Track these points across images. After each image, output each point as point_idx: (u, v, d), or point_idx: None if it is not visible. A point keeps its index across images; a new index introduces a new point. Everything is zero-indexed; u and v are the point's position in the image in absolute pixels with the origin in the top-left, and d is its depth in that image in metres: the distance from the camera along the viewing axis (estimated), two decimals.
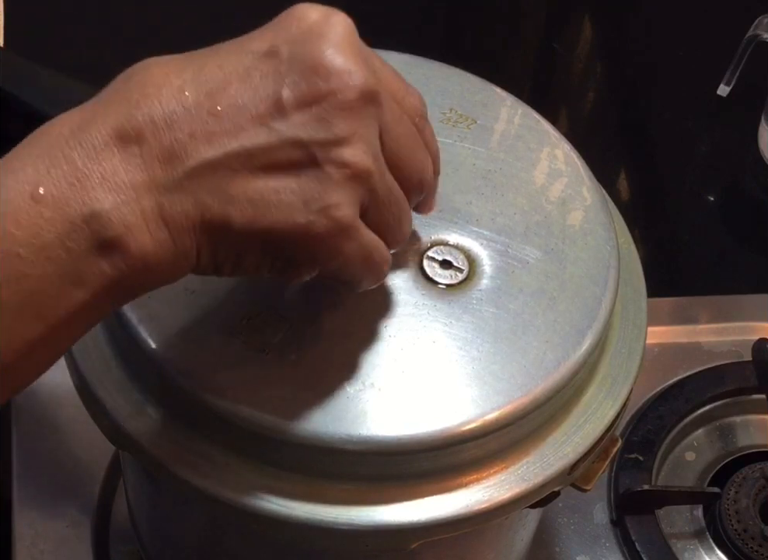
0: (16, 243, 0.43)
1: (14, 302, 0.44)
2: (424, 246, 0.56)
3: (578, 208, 0.59)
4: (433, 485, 0.53)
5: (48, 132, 0.45)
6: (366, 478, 0.53)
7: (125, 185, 0.44)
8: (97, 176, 0.44)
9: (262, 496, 0.52)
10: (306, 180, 0.46)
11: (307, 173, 0.46)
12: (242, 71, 0.46)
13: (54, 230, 0.44)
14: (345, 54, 0.46)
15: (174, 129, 0.45)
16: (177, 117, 0.45)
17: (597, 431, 0.56)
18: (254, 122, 0.46)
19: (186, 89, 0.46)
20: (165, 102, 0.45)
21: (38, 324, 0.44)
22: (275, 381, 0.52)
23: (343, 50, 0.46)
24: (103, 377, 0.55)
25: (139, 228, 0.44)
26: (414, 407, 0.52)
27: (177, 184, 0.45)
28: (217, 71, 0.46)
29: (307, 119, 0.46)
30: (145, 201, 0.45)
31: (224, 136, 0.45)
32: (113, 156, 0.45)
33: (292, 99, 0.46)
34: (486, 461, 0.54)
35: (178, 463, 0.53)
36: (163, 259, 0.45)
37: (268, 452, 0.52)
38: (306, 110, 0.46)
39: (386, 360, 0.53)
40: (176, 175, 0.45)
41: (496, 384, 0.53)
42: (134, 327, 0.53)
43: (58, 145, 0.45)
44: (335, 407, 0.52)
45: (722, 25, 1.11)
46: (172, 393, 0.53)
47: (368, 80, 0.47)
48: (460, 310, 0.55)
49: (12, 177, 0.44)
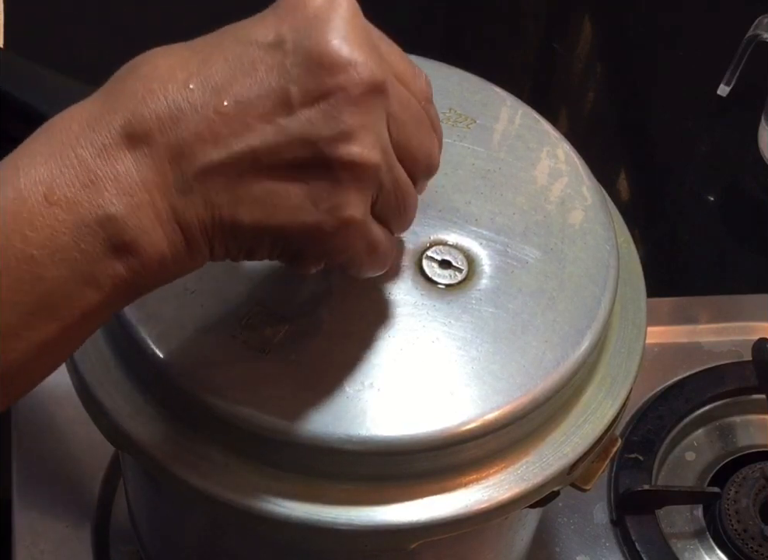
0: (31, 245, 0.43)
1: (29, 304, 0.44)
2: (423, 246, 0.56)
3: (578, 207, 0.59)
4: (433, 485, 0.53)
5: (57, 128, 0.45)
6: (366, 478, 0.53)
7: (138, 187, 0.44)
8: (110, 177, 0.44)
9: (262, 496, 0.52)
10: (315, 179, 0.46)
11: (315, 172, 0.46)
12: (248, 64, 0.46)
13: (68, 232, 0.44)
14: (351, 43, 0.46)
15: (181, 128, 0.45)
16: (183, 115, 0.45)
17: (596, 431, 0.56)
18: (261, 120, 0.45)
19: (191, 83, 0.45)
20: (171, 97, 0.45)
21: (52, 324, 0.44)
22: (275, 381, 0.52)
23: (349, 38, 0.46)
24: (103, 378, 0.55)
25: (153, 230, 0.45)
26: (414, 407, 0.52)
27: (188, 186, 0.45)
28: (222, 63, 0.46)
29: (314, 115, 0.45)
30: (159, 203, 0.45)
31: (230, 136, 0.45)
32: (125, 157, 0.44)
33: (298, 95, 0.45)
34: (486, 461, 0.54)
35: (178, 464, 0.53)
36: (177, 258, 0.46)
37: (268, 452, 0.52)
38: (313, 105, 0.45)
39: (386, 360, 0.53)
40: (185, 176, 0.45)
41: (495, 384, 0.53)
42: (134, 327, 0.53)
43: (69, 144, 0.45)
44: (335, 407, 0.52)
45: (722, 25, 1.11)
46: (171, 393, 0.53)
47: (375, 71, 0.46)
48: (459, 310, 0.55)
49: (25, 177, 0.44)
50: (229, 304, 0.54)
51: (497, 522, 0.56)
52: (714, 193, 1.02)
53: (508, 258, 0.56)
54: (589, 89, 1.11)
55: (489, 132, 0.61)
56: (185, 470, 0.53)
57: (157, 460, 0.53)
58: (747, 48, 1.01)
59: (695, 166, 1.04)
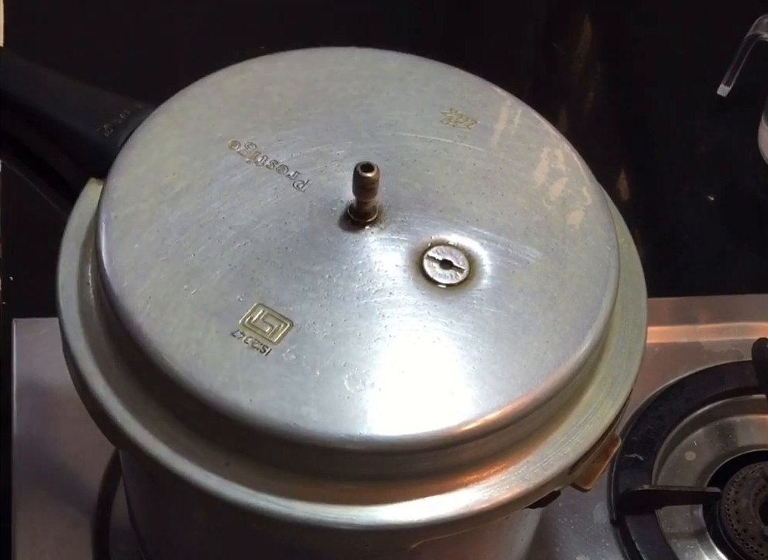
0: None
1: None
2: (425, 246, 0.56)
3: (578, 207, 0.59)
4: (433, 485, 0.53)
5: None
6: (367, 478, 0.53)
7: None
8: None
9: (262, 496, 0.52)
10: None
11: None
12: None
13: None
14: None
15: None
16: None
17: (597, 431, 0.56)
18: None
19: None
20: None
21: None
22: (275, 381, 0.52)
23: None
24: (103, 377, 0.55)
25: None
26: (415, 407, 0.52)
27: None
28: None
29: None
30: None
31: None
32: None
33: None
34: (487, 461, 0.54)
35: (177, 463, 0.53)
36: None
37: (269, 452, 0.52)
38: None
39: (386, 360, 0.53)
40: None
41: (496, 384, 0.53)
42: (134, 325, 0.53)
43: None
44: (335, 407, 0.52)
45: (722, 25, 1.11)
46: (171, 393, 0.53)
47: None
48: (460, 310, 0.55)
49: None
50: (230, 303, 0.54)
51: (498, 522, 0.56)
52: (714, 193, 1.02)
53: (509, 258, 0.56)
54: (589, 89, 1.11)
55: (489, 132, 0.61)
56: (185, 470, 0.53)
57: (157, 459, 0.53)
58: (747, 48, 1.01)
59: (695, 166, 1.04)
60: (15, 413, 0.79)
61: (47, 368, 0.80)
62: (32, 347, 0.81)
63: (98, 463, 0.78)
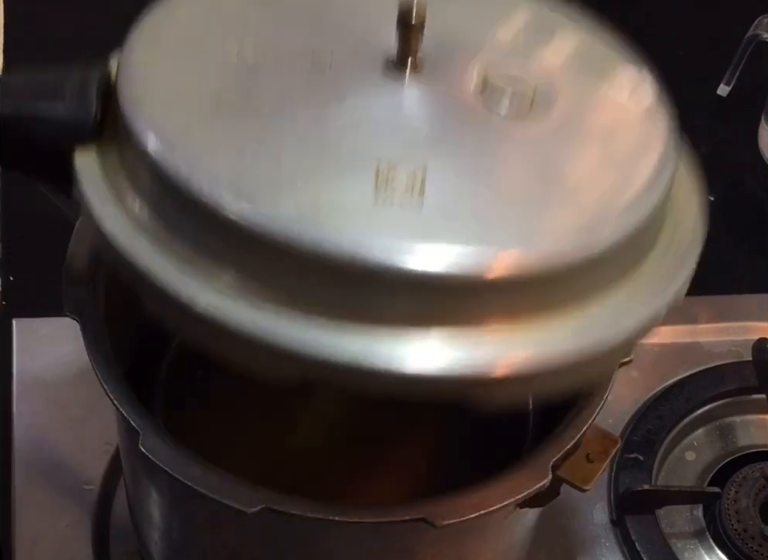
0: None
1: None
2: (492, 71, 0.54)
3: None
4: None
5: None
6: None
7: None
8: None
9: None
10: None
11: None
12: None
13: None
14: None
15: None
16: None
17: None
18: None
19: None
20: None
21: None
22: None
23: None
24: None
25: None
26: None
27: None
28: None
29: None
30: None
31: None
32: None
33: None
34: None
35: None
36: None
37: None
38: None
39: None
40: None
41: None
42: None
43: None
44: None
45: (722, 25, 1.11)
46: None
47: None
48: (520, 145, 0.52)
49: None
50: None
51: (498, 522, 0.56)
52: (714, 193, 1.02)
53: (578, 104, 0.55)
54: None
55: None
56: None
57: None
58: (747, 48, 1.01)
59: (695, 166, 1.04)
60: (15, 413, 0.79)
61: (47, 368, 0.80)
62: (32, 347, 0.81)
63: (98, 463, 0.78)
